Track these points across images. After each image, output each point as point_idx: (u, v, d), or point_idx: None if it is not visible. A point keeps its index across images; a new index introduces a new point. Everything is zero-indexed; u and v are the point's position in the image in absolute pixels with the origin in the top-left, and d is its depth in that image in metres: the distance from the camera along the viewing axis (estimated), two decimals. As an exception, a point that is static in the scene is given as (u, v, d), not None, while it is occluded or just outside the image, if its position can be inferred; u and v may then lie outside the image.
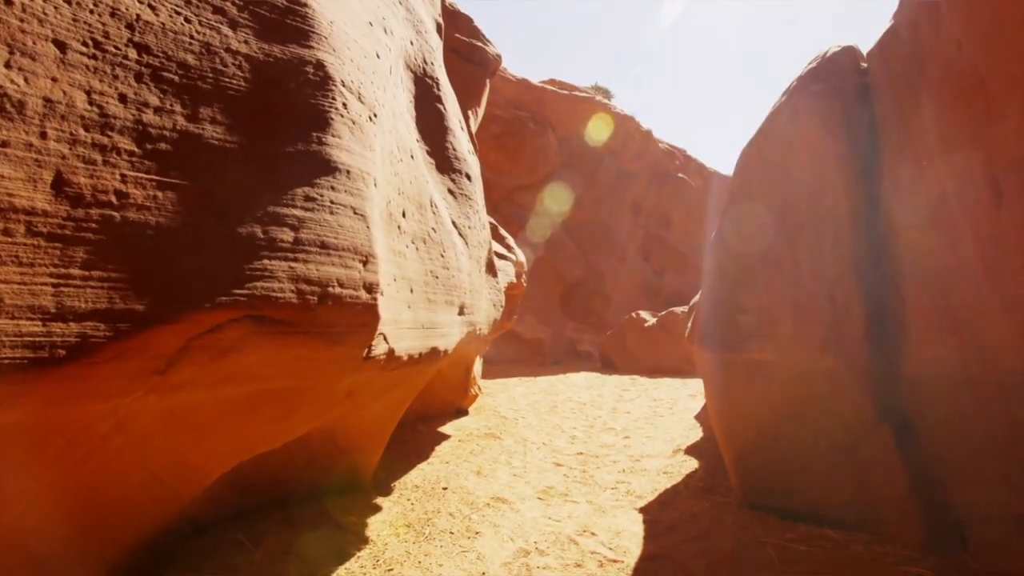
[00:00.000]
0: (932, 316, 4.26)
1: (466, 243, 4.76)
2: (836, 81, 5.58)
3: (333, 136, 2.49)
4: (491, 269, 6.47)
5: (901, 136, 4.75)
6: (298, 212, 2.33)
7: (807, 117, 5.54)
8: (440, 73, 5.41)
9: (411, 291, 3.46)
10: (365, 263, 2.45)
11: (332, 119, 2.51)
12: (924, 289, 4.32)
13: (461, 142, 5.39)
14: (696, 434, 8.67)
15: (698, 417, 9.89)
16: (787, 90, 6.08)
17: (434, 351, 3.69)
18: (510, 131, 22.74)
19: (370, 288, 2.46)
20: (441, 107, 5.20)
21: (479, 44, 11.25)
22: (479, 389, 10.44)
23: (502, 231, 8.91)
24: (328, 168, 2.43)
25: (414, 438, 7.89)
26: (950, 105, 4.10)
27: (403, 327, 3.19)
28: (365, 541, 4.55)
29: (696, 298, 8.78)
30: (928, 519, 4.37)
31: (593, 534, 5.01)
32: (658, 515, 5.51)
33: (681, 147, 29.60)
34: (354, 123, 2.59)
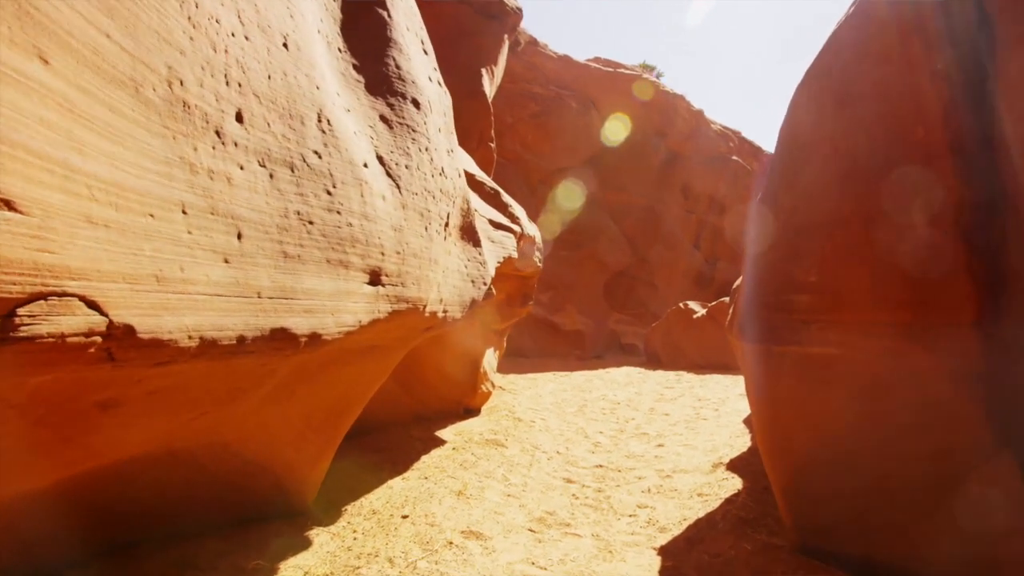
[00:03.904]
0: (1090, 288, 2.80)
1: (397, 187, 3.42)
2: (927, -26, 4.06)
3: None
4: (468, 234, 5.13)
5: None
6: None
7: (886, 25, 4.01)
8: (389, -27, 4.09)
9: (238, 236, 2.15)
10: None
11: None
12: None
13: (413, 62, 4.06)
14: (743, 442, 7.22)
15: (747, 421, 8.44)
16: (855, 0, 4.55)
17: (283, 334, 2.38)
18: (550, 110, 21.46)
19: None
20: (384, 13, 3.89)
21: (495, -6, 9.90)
22: (492, 386, 9.17)
23: (506, 198, 7.62)
24: None
25: (401, 444, 6.66)
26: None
27: (194, 291, 1.90)
28: (260, 600, 3.31)
29: (739, 281, 7.28)
30: (1074, 588, 2.95)
31: (586, 591, 3.68)
32: (682, 560, 4.15)
33: (736, 129, 27.75)
34: None
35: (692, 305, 17.11)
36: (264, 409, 3.37)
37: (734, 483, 5.62)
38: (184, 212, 1.92)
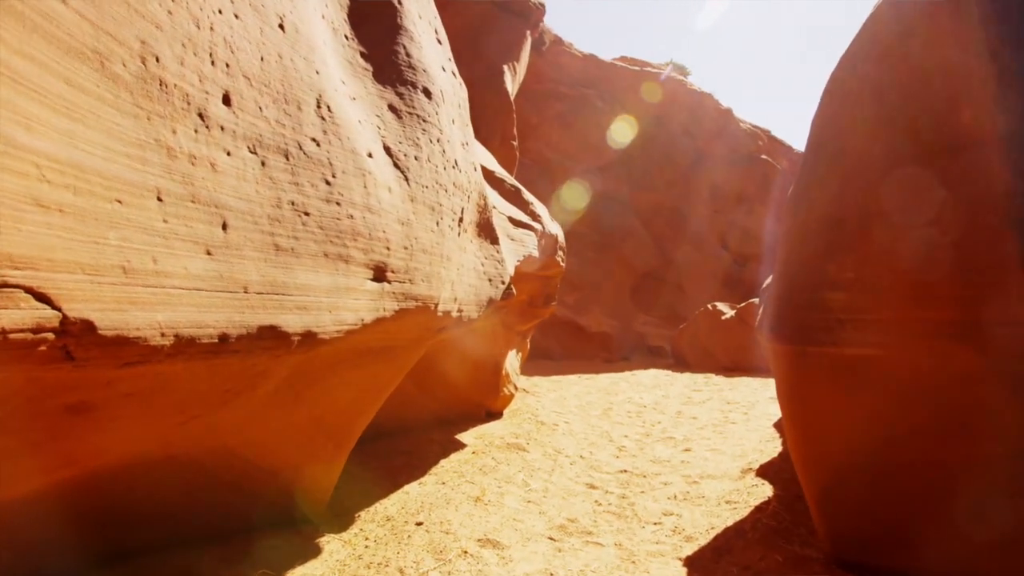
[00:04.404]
0: None
1: (405, 179, 3.25)
2: (971, -51, 3.81)
3: None
4: (485, 231, 4.94)
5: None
6: None
7: (928, 3, 3.78)
8: (401, -41, 3.93)
9: (223, 227, 2.00)
10: None
11: None
12: None
13: (424, 51, 3.89)
14: (774, 447, 6.95)
15: (778, 425, 8.16)
16: (894, -20, 4.30)
17: (272, 332, 2.22)
18: (575, 109, 21.25)
19: None
20: (394, 0, 3.74)
21: (517, -10, 9.71)
22: (515, 388, 8.98)
23: (527, 195, 7.43)
24: None
25: (422, 447, 6.50)
26: None
27: (168, 285, 1.75)
28: (256, 617, 3.17)
29: (768, 280, 7.02)
30: None
31: (606, 607, 3.48)
32: (709, 571, 3.95)
33: (765, 127, 27.26)
34: None
35: (720, 306, 16.76)
36: (267, 412, 3.21)
37: (764, 490, 5.37)
38: (159, 199, 1.76)
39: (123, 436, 2.34)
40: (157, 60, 1.80)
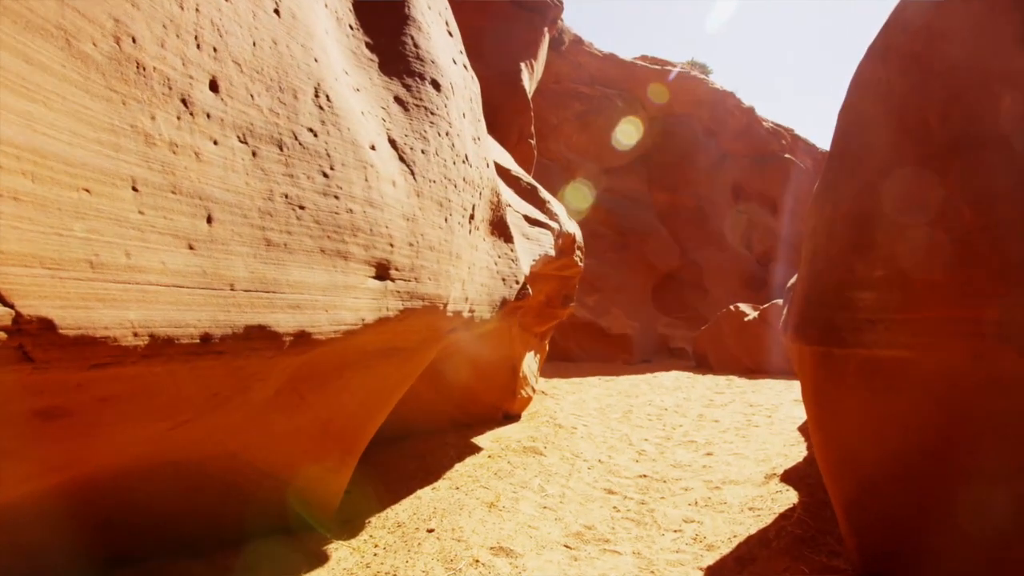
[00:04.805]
0: None
1: (411, 173, 3.12)
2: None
3: None
4: (498, 229, 4.80)
5: None
6: None
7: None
8: (411, -51, 3.81)
9: (207, 220, 1.88)
10: None
11: None
12: None
13: (433, 42, 3.76)
14: (798, 452, 6.74)
15: (803, 429, 7.94)
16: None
17: (261, 332, 2.09)
18: (596, 109, 21.08)
19: None
20: (403, -11, 3.62)
21: (535, -14, 9.57)
22: (533, 390, 8.84)
23: (543, 193, 7.27)
24: None
25: (436, 451, 6.37)
26: None
27: (143, 280, 1.63)
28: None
29: (793, 279, 6.81)
30: None
31: (623, 620, 3.33)
32: (731, 583, 3.78)
33: (789, 126, 26.93)
34: None
35: (743, 307, 16.50)
36: (269, 416, 3.10)
37: (789, 496, 5.18)
38: (135, 189, 1.64)
39: (108, 442, 2.22)
40: (133, 41, 1.68)
